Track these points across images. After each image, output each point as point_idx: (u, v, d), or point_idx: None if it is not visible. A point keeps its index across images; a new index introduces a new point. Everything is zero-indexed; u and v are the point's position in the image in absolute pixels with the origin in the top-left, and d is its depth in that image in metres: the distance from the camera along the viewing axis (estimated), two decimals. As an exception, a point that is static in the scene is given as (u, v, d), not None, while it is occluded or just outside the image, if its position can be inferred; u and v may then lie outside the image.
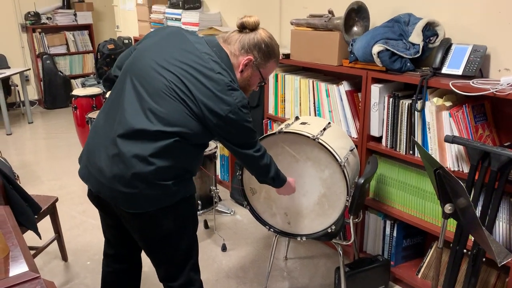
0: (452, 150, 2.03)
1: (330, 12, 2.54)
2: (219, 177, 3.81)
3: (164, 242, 1.69)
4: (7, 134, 5.28)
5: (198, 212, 2.98)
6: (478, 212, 1.93)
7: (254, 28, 1.65)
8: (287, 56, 2.82)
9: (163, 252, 1.72)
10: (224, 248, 2.87)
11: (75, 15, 6.60)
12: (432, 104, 2.05)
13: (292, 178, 1.98)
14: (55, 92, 6.43)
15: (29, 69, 6.29)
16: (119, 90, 1.63)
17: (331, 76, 2.76)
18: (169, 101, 1.53)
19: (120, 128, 1.55)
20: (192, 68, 1.55)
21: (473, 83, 1.94)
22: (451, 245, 2.02)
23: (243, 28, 1.66)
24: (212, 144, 3.12)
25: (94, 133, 1.68)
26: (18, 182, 2.35)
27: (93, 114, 3.93)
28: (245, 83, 1.69)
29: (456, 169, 2.05)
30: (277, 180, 1.83)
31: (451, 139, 1.93)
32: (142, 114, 1.54)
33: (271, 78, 2.98)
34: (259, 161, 1.71)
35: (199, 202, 3.01)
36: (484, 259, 1.92)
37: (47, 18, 6.42)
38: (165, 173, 1.56)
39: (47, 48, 6.42)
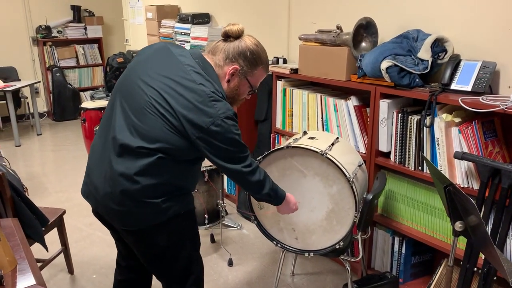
0: (461, 166, 2.02)
1: (339, 27, 2.56)
2: (226, 190, 3.80)
3: (160, 258, 1.69)
4: (16, 146, 5.32)
5: (205, 226, 2.97)
6: (488, 230, 1.91)
7: (238, 36, 1.61)
8: (295, 70, 2.83)
9: (161, 267, 1.72)
10: (230, 263, 2.85)
11: (85, 28, 6.69)
12: (441, 120, 2.04)
13: (292, 196, 1.88)
14: (64, 105, 6.50)
15: (39, 81, 6.37)
16: (110, 108, 1.66)
17: (339, 91, 2.76)
18: (149, 117, 1.52)
19: (110, 146, 1.58)
20: (173, 81, 1.52)
21: (482, 99, 1.93)
22: (461, 263, 1.99)
23: (227, 37, 1.62)
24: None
25: (91, 151, 1.72)
26: (27, 194, 2.36)
27: (102, 127, 3.95)
28: (233, 93, 1.65)
29: (465, 186, 2.03)
30: (275, 197, 1.74)
31: (461, 156, 1.92)
32: (127, 130, 1.55)
33: (278, 93, 2.99)
34: (249, 177, 1.61)
35: (206, 216, 3.00)
36: (495, 278, 1.88)
37: (58, 32, 6.51)
38: (152, 191, 1.55)
39: (57, 61, 6.50)
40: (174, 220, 1.63)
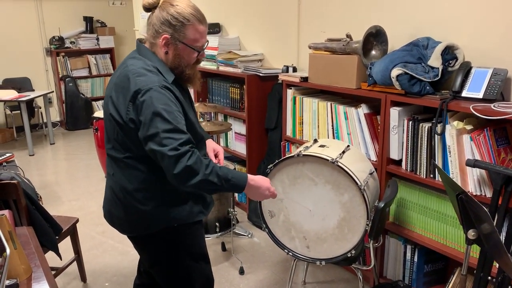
0: (474, 174, 2.01)
1: (348, 36, 2.57)
2: (237, 199, 3.81)
3: (159, 266, 1.74)
4: (30, 155, 5.39)
5: (216, 234, 2.97)
6: (502, 238, 1.89)
7: (156, 5, 1.56)
8: (305, 79, 2.85)
9: (161, 275, 1.76)
10: (241, 271, 2.85)
11: (97, 39, 6.79)
12: (452, 127, 2.04)
13: (264, 179, 1.62)
14: (77, 114, 6.58)
15: (52, 91, 6.46)
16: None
17: (349, 99, 2.77)
18: (107, 124, 1.63)
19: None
20: (115, 84, 1.58)
21: (494, 106, 1.92)
22: (475, 271, 1.97)
23: (148, 10, 1.59)
24: (230, 166, 3.13)
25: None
26: (41, 203, 2.39)
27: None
28: (177, 61, 1.59)
29: (478, 194, 2.01)
30: (227, 185, 1.49)
31: (473, 163, 1.91)
32: (106, 139, 1.67)
33: (288, 101, 3.01)
34: (173, 163, 1.41)
35: (217, 224, 3.01)
36: (509, 287, 1.86)
37: (71, 42, 6.62)
38: (133, 196, 1.61)
39: (70, 71, 6.60)
40: (168, 231, 1.65)
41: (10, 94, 5.35)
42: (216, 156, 1.92)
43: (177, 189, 1.62)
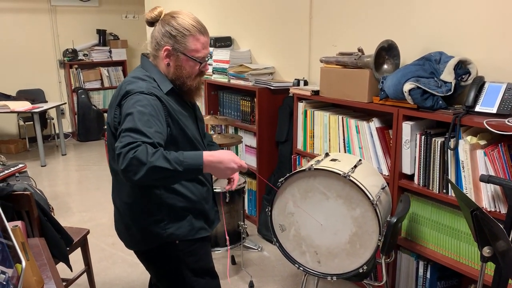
0: (488, 190, 1.98)
1: (360, 50, 2.57)
2: (247, 212, 3.80)
3: (162, 280, 1.75)
4: (41, 166, 5.44)
5: (226, 248, 2.96)
6: (517, 255, 1.85)
7: (157, 19, 1.59)
8: (316, 92, 2.85)
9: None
10: (251, 286, 2.82)
11: (110, 51, 6.89)
12: (466, 142, 2.02)
13: (226, 153, 1.45)
14: (89, 125, 6.65)
15: (65, 103, 6.55)
16: None
17: (361, 113, 2.76)
18: (108, 136, 1.64)
19: None
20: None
21: (508, 121, 1.91)
22: (489, 289, 1.94)
23: (150, 24, 1.61)
24: (241, 179, 3.13)
25: None
26: (53, 214, 2.40)
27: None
28: (179, 72, 1.59)
29: (492, 210, 1.99)
30: (181, 167, 1.35)
31: (487, 179, 1.88)
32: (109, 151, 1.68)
33: (299, 114, 3.01)
34: (122, 158, 1.33)
35: (226, 237, 3.00)
36: (525, 306, 1.82)
37: (84, 55, 6.72)
38: (130, 211, 1.64)
39: (82, 83, 6.69)
40: (171, 248, 1.66)
41: (23, 106, 5.42)
42: (229, 181, 1.84)
43: (172, 204, 1.60)
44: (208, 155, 1.40)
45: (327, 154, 2.36)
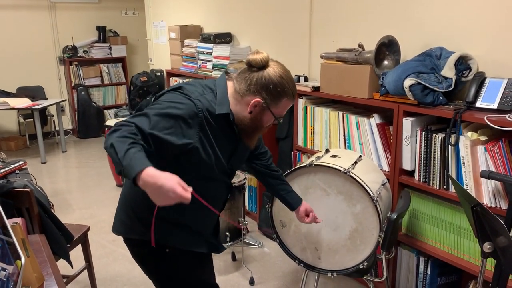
0: (488, 185, 1.98)
1: (360, 46, 2.57)
2: (247, 208, 3.80)
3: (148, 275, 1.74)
4: (42, 163, 5.44)
5: (226, 244, 2.96)
6: (518, 251, 1.85)
7: (262, 66, 1.49)
8: (316, 88, 2.84)
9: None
10: (252, 282, 2.83)
11: (110, 48, 6.86)
12: (466, 138, 2.01)
13: (172, 177, 1.22)
14: (89, 122, 6.64)
15: (65, 100, 6.53)
16: None
17: (361, 109, 2.76)
18: None
19: None
20: None
21: (509, 117, 1.90)
22: (489, 285, 1.93)
23: (250, 66, 1.51)
24: (241, 175, 3.13)
25: None
26: (53, 211, 2.40)
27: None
28: (256, 123, 1.56)
29: (493, 206, 1.98)
30: (125, 163, 1.23)
31: (488, 175, 1.88)
32: None
33: (300, 110, 3.00)
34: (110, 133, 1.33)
35: (227, 234, 3.00)
36: (526, 301, 1.82)
37: (84, 52, 6.70)
38: (123, 201, 1.66)
39: (82, 80, 6.68)
40: (162, 254, 1.62)
41: (23, 103, 5.41)
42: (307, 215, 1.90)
43: (162, 217, 1.56)
44: (151, 172, 1.20)
45: (327, 150, 2.36)
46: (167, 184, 1.19)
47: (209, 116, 1.48)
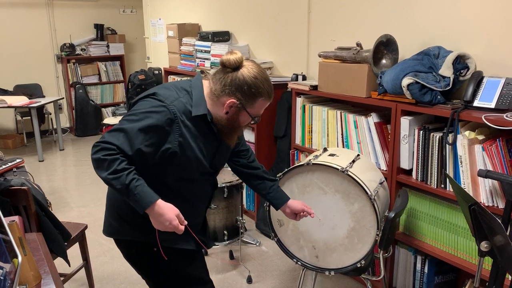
0: (486, 184, 1.98)
1: (358, 44, 2.56)
2: (245, 206, 3.80)
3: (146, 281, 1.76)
4: (39, 161, 5.43)
5: (224, 242, 2.96)
6: (515, 250, 1.86)
7: (236, 67, 1.49)
8: (314, 87, 2.84)
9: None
10: (249, 280, 2.83)
11: (107, 46, 6.85)
12: (464, 137, 2.02)
13: (172, 209, 1.44)
14: (86, 120, 6.63)
15: (63, 98, 6.52)
16: None
17: (359, 108, 2.76)
18: None
19: None
20: None
21: (507, 116, 1.91)
22: (487, 284, 1.94)
23: (224, 67, 1.50)
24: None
25: None
26: (50, 209, 2.40)
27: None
28: (233, 123, 1.56)
29: (490, 205, 1.99)
30: (131, 197, 1.41)
31: (485, 174, 1.89)
32: None
33: (298, 109, 3.00)
34: (92, 152, 1.42)
35: (225, 232, 3.00)
36: (523, 300, 1.83)
37: (82, 50, 6.68)
38: (110, 200, 1.70)
39: (80, 78, 6.66)
40: (133, 247, 1.66)
41: (21, 100, 5.40)
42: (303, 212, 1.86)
43: (123, 207, 1.61)
44: (161, 205, 1.42)
45: (325, 149, 2.36)
46: (167, 215, 1.42)
47: (186, 120, 1.49)
